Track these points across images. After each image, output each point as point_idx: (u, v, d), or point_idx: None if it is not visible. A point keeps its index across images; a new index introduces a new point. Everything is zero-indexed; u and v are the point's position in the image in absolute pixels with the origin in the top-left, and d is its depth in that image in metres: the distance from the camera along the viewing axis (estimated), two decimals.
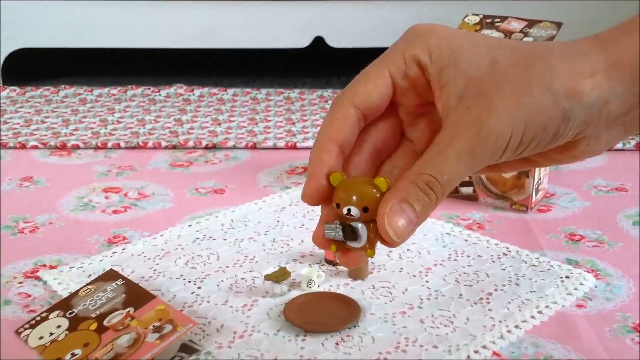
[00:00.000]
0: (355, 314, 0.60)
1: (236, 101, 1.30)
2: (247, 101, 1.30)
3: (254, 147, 1.06)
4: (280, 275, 0.65)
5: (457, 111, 0.38)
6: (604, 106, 0.38)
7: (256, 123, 1.17)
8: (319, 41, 1.46)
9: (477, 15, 0.84)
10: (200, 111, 1.24)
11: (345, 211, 0.37)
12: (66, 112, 1.23)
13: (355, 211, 0.37)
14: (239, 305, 0.63)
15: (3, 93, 1.33)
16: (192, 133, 1.11)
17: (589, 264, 0.70)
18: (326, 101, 1.29)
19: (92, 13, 1.45)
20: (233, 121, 1.18)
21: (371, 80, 0.40)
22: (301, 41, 1.47)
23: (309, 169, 0.39)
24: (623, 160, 0.99)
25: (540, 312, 0.61)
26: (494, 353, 0.56)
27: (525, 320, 0.60)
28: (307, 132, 1.11)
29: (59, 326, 0.59)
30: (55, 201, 0.86)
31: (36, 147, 1.05)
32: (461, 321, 0.60)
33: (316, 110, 1.24)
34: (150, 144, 1.06)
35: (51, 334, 0.58)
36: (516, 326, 0.59)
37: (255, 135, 1.10)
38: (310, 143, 1.05)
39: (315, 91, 1.36)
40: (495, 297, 0.64)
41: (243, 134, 1.11)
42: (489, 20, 0.83)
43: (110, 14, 1.45)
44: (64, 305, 0.61)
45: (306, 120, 1.18)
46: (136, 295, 0.61)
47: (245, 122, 1.18)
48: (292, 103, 1.29)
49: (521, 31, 0.81)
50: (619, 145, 1.01)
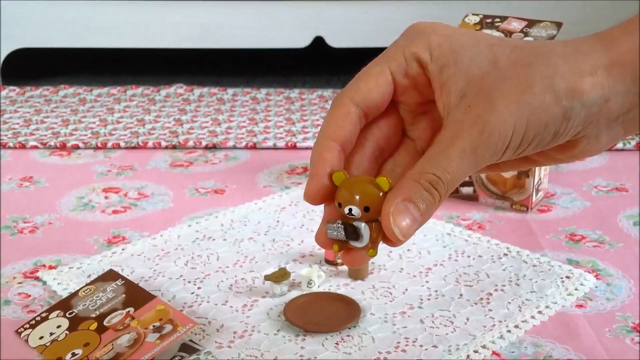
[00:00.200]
0: (355, 314, 0.60)
1: (236, 101, 1.30)
2: (247, 101, 1.30)
3: (254, 147, 1.06)
4: (280, 275, 0.65)
5: (459, 110, 0.38)
6: (605, 105, 0.37)
7: (256, 123, 1.17)
8: (319, 41, 1.46)
9: (477, 15, 0.84)
10: (200, 111, 1.24)
11: (346, 211, 0.37)
12: (66, 112, 1.23)
13: (356, 211, 0.37)
14: (239, 305, 0.63)
15: (2, 93, 1.33)
16: (192, 133, 1.11)
17: (590, 264, 0.70)
18: (326, 101, 1.29)
19: (92, 13, 1.45)
20: (233, 121, 1.18)
21: (372, 78, 0.40)
22: (301, 41, 1.46)
23: (311, 168, 0.39)
24: (623, 160, 0.98)
25: (540, 312, 0.61)
26: (494, 353, 0.56)
27: (525, 320, 0.60)
28: (307, 132, 1.11)
29: (59, 326, 0.59)
30: (54, 201, 0.86)
31: (36, 147, 1.05)
32: (461, 321, 0.60)
33: (316, 110, 1.24)
34: (150, 144, 1.06)
35: (51, 334, 0.58)
36: (516, 326, 0.59)
37: (255, 135, 1.10)
38: (310, 143, 1.05)
39: (315, 91, 1.35)
40: (495, 297, 0.64)
41: (243, 134, 1.11)
42: (489, 20, 0.83)
43: (109, 14, 1.45)
44: (64, 305, 0.61)
45: (306, 120, 1.18)
46: (136, 295, 0.61)
47: (245, 122, 1.17)
48: (292, 103, 1.29)
49: (521, 31, 0.81)
50: (619, 145, 1.01)
